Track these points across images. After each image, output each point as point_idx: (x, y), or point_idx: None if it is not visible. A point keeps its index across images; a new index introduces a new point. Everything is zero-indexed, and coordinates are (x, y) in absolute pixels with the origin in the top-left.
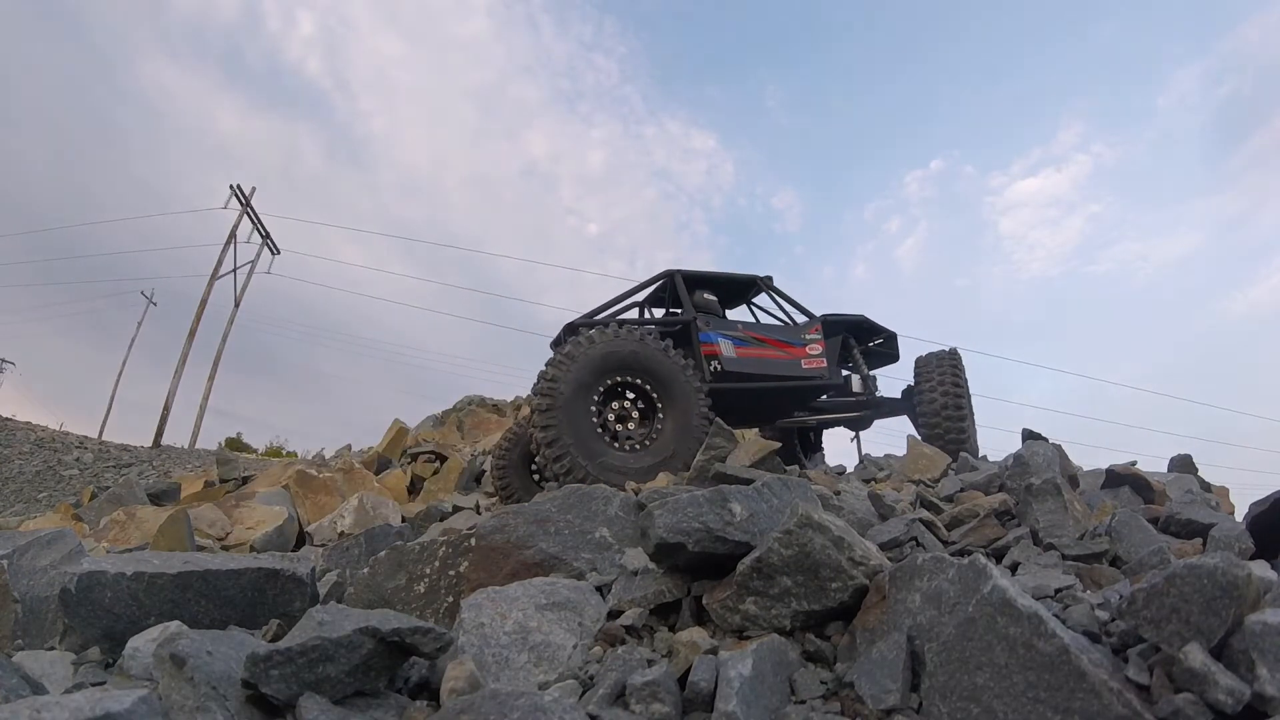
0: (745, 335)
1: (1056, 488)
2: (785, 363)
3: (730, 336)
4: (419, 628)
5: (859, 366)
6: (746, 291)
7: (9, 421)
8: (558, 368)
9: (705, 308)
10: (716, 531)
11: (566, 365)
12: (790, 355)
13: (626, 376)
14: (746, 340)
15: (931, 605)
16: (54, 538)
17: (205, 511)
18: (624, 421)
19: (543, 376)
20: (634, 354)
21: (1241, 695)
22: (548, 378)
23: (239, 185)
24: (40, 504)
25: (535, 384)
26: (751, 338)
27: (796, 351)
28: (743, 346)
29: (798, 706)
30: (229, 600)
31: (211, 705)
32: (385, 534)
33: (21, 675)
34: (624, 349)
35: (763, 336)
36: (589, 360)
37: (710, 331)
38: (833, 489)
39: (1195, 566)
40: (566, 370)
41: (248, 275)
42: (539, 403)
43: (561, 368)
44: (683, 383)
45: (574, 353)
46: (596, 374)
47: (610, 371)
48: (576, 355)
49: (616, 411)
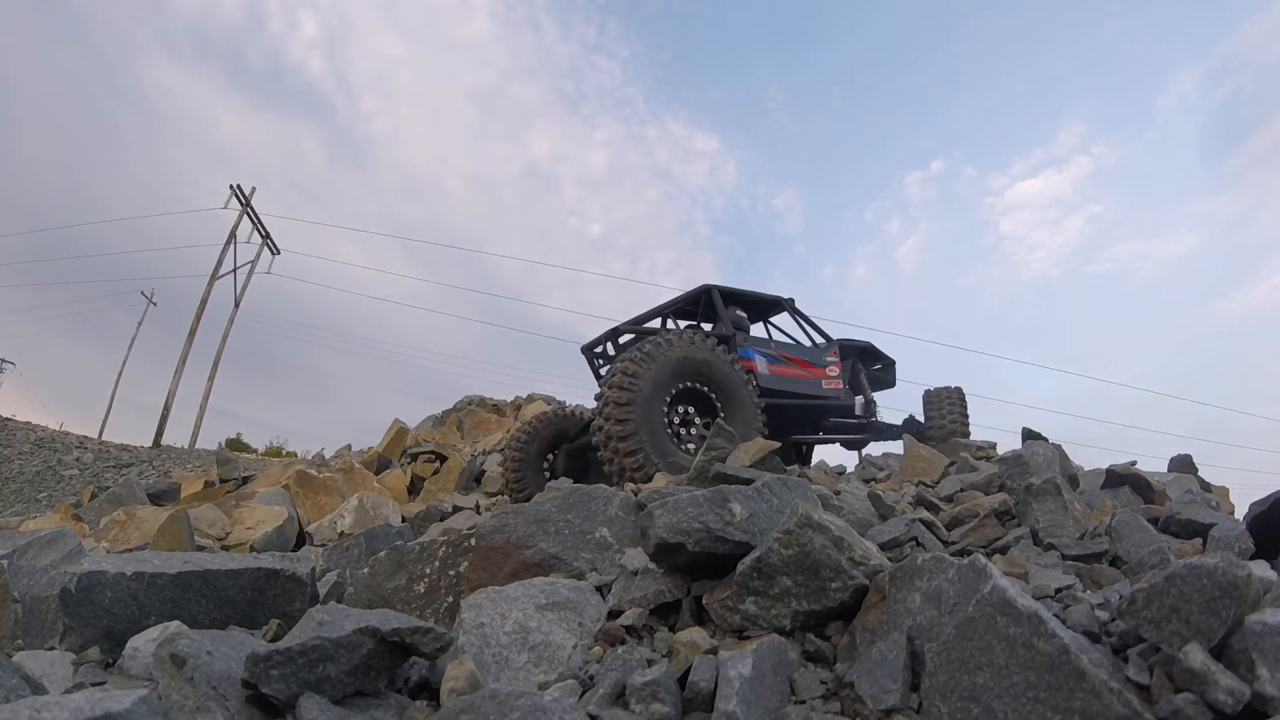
0: (777, 353)
1: (1056, 488)
2: (809, 382)
3: (764, 354)
4: (419, 628)
5: (865, 390)
6: (770, 310)
7: (9, 421)
8: (638, 365)
9: (737, 324)
10: (716, 531)
11: (647, 364)
12: (813, 375)
13: (696, 383)
14: (778, 358)
15: (931, 605)
16: (54, 538)
17: (205, 511)
18: (688, 425)
19: (622, 372)
20: (706, 362)
21: (1241, 695)
22: (628, 373)
23: (239, 185)
24: (40, 504)
25: (610, 378)
26: (782, 356)
27: (818, 372)
28: (775, 364)
29: (798, 706)
30: (229, 600)
31: (211, 705)
32: (385, 534)
33: (21, 675)
34: (698, 356)
35: (791, 355)
36: (667, 362)
37: (748, 348)
38: (833, 489)
39: (1195, 566)
40: (646, 369)
41: (248, 275)
42: (617, 396)
43: (642, 365)
44: (745, 394)
45: (654, 353)
46: (673, 376)
47: (684, 376)
48: (656, 356)
49: (682, 415)
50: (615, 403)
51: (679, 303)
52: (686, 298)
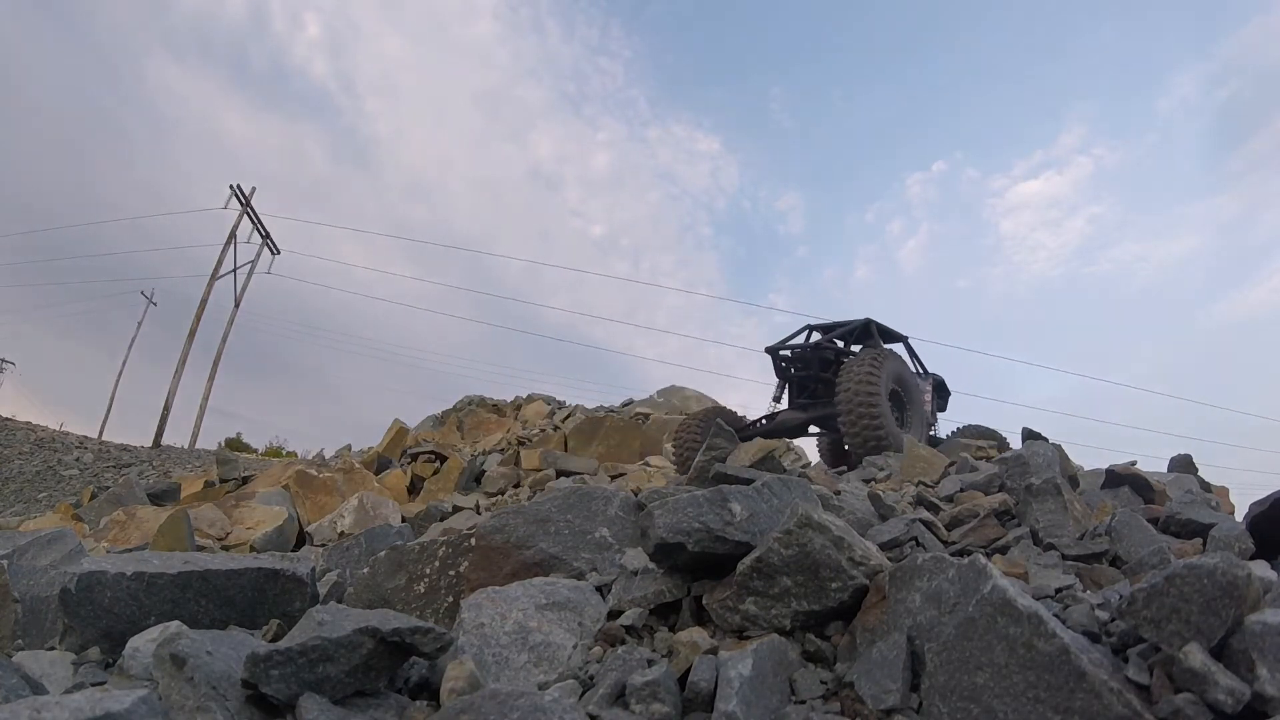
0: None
1: (1056, 488)
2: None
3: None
4: (419, 628)
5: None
6: (893, 340)
7: (9, 421)
8: (876, 367)
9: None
10: (716, 531)
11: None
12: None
13: (898, 388)
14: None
15: (931, 605)
16: (54, 538)
17: (205, 511)
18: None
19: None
20: (899, 373)
21: (1241, 695)
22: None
23: (238, 185)
24: (40, 504)
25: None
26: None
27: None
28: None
29: (798, 706)
30: (229, 600)
31: (211, 705)
32: (385, 534)
33: (21, 675)
34: (899, 367)
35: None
36: (890, 369)
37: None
38: (833, 489)
39: (1195, 566)
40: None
41: (248, 275)
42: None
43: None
44: (921, 404)
45: (879, 359)
46: (892, 379)
47: (896, 381)
48: (882, 361)
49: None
50: (867, 391)
51: (842, 325)
52: (851, 325)
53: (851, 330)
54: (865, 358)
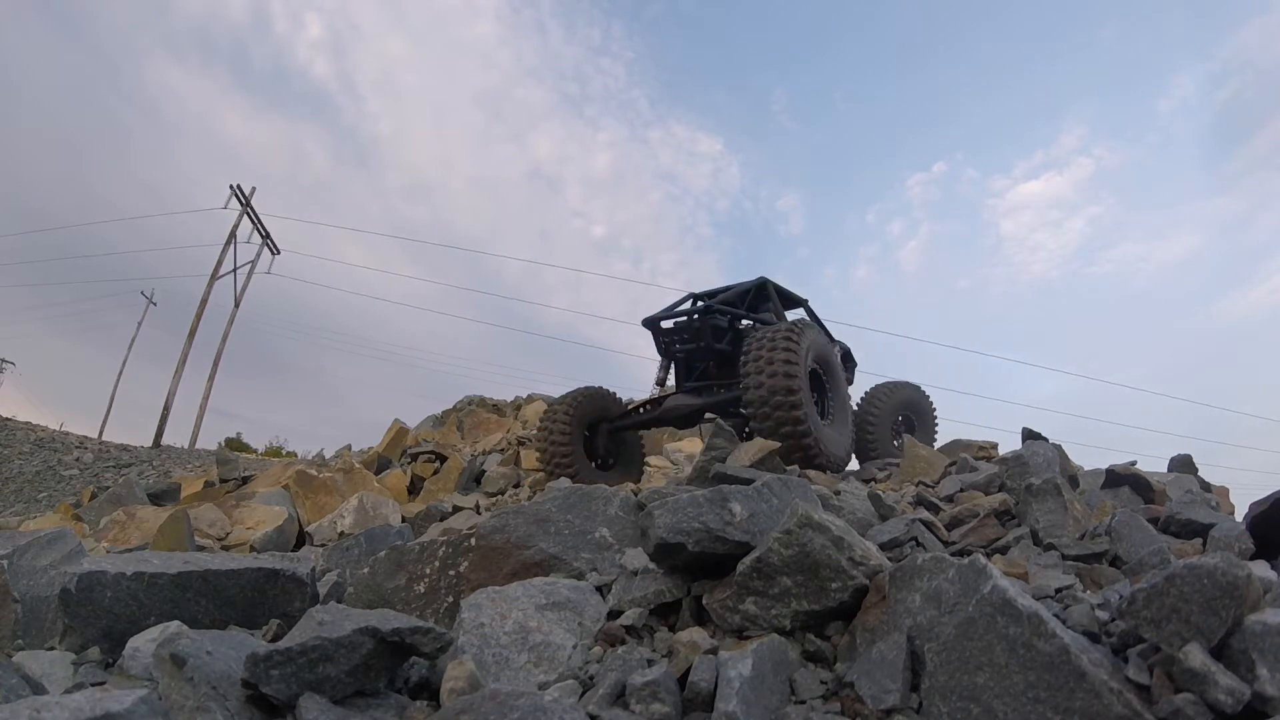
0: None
1: (1056, 488)
2: None
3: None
4: (419, 628)
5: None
6: (791, 307)
7: (9, 421)
8: (794, 343)
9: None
10: (716, 531)
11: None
12: None
13: (817, 365)
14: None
15: (931, 605)
16: (54, 538)
17: (205, 511)
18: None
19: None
20: (821, 350)
21: (1241, 695)
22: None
23: (239, 185)
24: (40, 504)
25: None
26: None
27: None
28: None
29: (798, 706)
30: (229, 600)
31: (211, 705)
32: (385, 534)
33: (21, 675)
34: (819, 341)
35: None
36: (809, 343)
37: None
38: (832, 489)
39: (1195, 566)
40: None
41: (247, 275)
42: (786, 369)
43: (795, 341)
44: (843, 380)
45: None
46: (812, 355)
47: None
48: (800, 335)
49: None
50: (784, 374)
51: (737, 289)
52: (744, 285)
53: (745, 293)
54: (780, 330)
